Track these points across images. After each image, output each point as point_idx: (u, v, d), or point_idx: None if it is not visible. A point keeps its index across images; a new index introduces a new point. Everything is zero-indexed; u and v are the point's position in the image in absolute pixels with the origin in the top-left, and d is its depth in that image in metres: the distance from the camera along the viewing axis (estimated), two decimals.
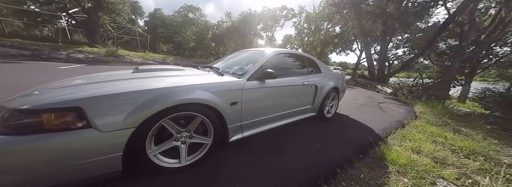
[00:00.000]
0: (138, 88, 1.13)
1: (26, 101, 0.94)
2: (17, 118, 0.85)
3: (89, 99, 0.96)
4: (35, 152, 0.82)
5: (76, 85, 1.20)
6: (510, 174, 1.60)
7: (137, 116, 1.03)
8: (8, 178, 0.81)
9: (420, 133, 2.48)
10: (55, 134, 0.85)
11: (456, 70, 7.26)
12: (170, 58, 15.28)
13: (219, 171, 1.39)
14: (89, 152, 0.94)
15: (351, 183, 1.33)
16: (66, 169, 0.92)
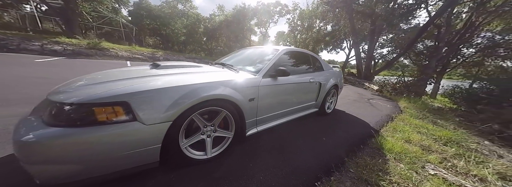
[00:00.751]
0: (175, 84, 1.19)
1: (77, 95, 0.96)
2: (71, 111, 0.88)
3: (135, 94, 1.00)
4: (89, 143, 0.88)
5: (114, 80, 1.19)
6: (478, 157, 1.96)
7: (174, 110, 1.10)
8: (68, 167, 0.87)
9: (407, 125, 2.83)
10: (106, 126, 0.91)
11: (432, 69, 8.08)
12: (160, 53, 14.48)
13: (243, 161, 1.50)
14: (134, 144, 1.01)
15: (359, 170, 1.53)
16: (116, 159, 0.98)
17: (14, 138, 0.85)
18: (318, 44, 18.60)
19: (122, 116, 0.96)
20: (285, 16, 20.95)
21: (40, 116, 0.94)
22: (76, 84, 1.18)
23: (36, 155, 0.82)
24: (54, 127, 0.85)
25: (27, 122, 0.92)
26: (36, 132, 0.82)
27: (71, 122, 0.87)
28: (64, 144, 0.83)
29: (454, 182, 1.47)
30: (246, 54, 2.48)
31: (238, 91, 1.52)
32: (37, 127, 0.86)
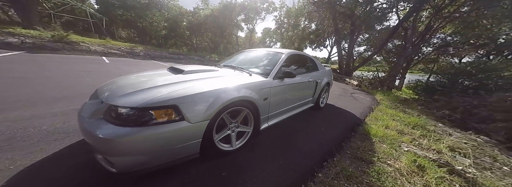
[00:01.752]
0: (210, 88, 1.38)
1: (135, 100, 1.11)
2: (134, 114, 1.05)
3: (182, 98, 1.19)
4: (151, 139, 1.06)
5: (157, 87, 1.33)
6: (436, 136, 2.55)
7: (211, 111, 1.30)
8: (139, 157, 1.08)
9: (384, 114, 3.40)
10: (162, 125, 1.10)
11: (400, 66, 9.32)
12: (139, 48, 13.38)
13: (262, 150, 1.75)
14: (183, 139, 1.21)
15: (353, 151, 1.92)
16: (171, 151, 1.19)
17: (93, 136, 1.04)
18: (303, 41, 19.36)
19: (173, 116, 1.15)
20: (272, 14, 21.10)
21: (101, 118, 1.11)
22: (125, 89, 1.29)
23: (114, 149, 1.01)
24: (123, 127, 1.02)
25: (99, 123, 1.08)
26: (111, 132, 1.00)
27: (136, 122, 1.05)
28: (133, 140, 1.02)
29: (421, 155, 1.96)
30: (252, 57, 2.66)
31: (255, 92, 1.74)
32: (111, 127, 1.03)
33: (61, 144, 1.53)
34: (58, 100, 2.48)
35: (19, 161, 1.27)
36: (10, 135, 1.55)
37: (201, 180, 1.29)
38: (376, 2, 8.76)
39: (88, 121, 1.13)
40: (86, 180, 1.18)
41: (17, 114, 1.94)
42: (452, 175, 1.70)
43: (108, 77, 4.48)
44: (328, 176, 1.49)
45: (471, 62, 8.38)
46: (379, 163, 1.73)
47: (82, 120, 1.18)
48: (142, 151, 1.07)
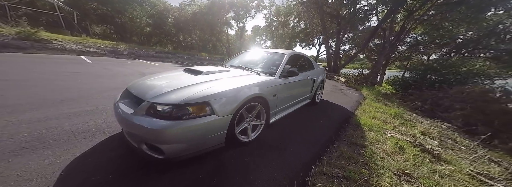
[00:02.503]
0: (232, 87, 1.61)
1: (174, 98, 1.31)
2: (175, 109, 1.26)
3: (212, 96, 1.41)
4: (188, 130, 1.27)
5: (189, 86, 1.54)
6: (411, 124, 3.07)
7: (234, 106, 1.53)
8: (181, 145, 1.29)
9: (370, 107, 3.90)
10: (198, 118, 1.31)
11: (381, 63, 10.29)
12: (122, 46, 12.54)
13: (274, 141, 2.02)
14: (213, 130, 1.42)
15: (349, 138, 2.29)
16: (205, 140, 1.40)
17: (144, 129, 1.20)
18: (293, 40, 19.91)
19: (205, 111, 1.36)
20: (262, 12, 21.14)
21: (145, 114, 1.29)
22: (161, 89, 1.47)
23: (162, 138, 1.22)
24: (167, 120, 1.23)
25: (146, 118, 1.26)
26: (159, 124, 1.20)
27: (177, 116, 1.25)
28: (176, 130, 1.22)
29: (401, 139, 2.41)
30: (257, 58, 2.88)
31: (266, 89, 1.98)
32: (158, 121, 1.22)
33: (92, 142, 1.62)
34: (62, 103, 2.45)
35: (62, 156, 1.37)
36: (37, 136, 1.59)
37: (229, 164, 1.52)
38: (359, 4, 9.51)
39: (135, 117, 1.29)
40: (131, 166, 1.35)
41: (29, 116, 1.93)
42: (423, 152, 2.16)
43: (101, 78, 4.34)
44: (332, 158, 1.82)
45: (436, 59, 9.62)
46: (370, 147, 2.12)
47: (126, 117, 1.32)
48: (183, 139, 1.27)
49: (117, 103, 1.53)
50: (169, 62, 11.91)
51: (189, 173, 1.36)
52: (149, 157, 1.32)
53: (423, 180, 1.61)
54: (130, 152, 1.53)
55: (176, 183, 1.25)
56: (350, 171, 1.58)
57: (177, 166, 1.41)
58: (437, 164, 1.97)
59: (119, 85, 3.85)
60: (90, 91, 3.12)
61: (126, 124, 1.35)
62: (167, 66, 8.80)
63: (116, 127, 1.94)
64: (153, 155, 1.30)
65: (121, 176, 1.26)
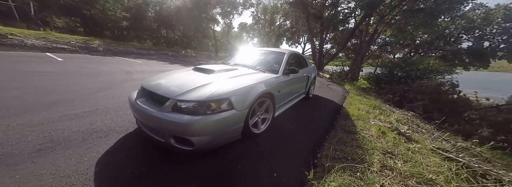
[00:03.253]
0: (246, 84, 1.77)
1: (198, 96, 1.43)
2: (199, 106, 1.39)
3: (231, 93, 1.56)
4: (213, 123, 1.40)
5: (208, 84, 1.65)
6: (387, 113, 3.64)
7: (248, 101, 1.70)
8: (207, 137, 1.42)
9: (354, 100, 4.44)
10: (220, 113, 1.46)
11: (359, 61, 11.42)
12: (96, 42, 11.21)
13: (282, 131, 2.26)
14: (233, 123, 1.58)
15: (342, 126, 2.66)
16: (226, 132, 1.55)
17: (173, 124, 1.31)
18: (280, 38, 20.39)
19: (226, 106, 1.50)
20: (249, 9, 20.95)
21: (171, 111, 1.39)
22: (182, 87, 1.56)
23: (190, 131, 1.33)
24: (194, 115, 1.35)
25: (174, 114, 1.37)
26: (187, 119, 1.32)
27: (202, 112, 1.38)
28: (202, 124, 1.34)
29: (382, 125, 2.88)
30: (259, 56, 3.04)
31: (272, 86, 2.19)
32: (185, 116, 1.34)
33: (109, 140, 1.62)
34: (56, 105, 2.28)
35: (86, 154, 1.37)
36: (48, 138, 1.52)
37: (246, 153, 1.70)
38: (340, 7, 10.36)
39: (163, 113, 1.37)
40: (159, 159, 1.44)
41: (28, 119, 1.80)
42: (399, 135, 2.65)
43: (84, 78, 3.98)
44: (332, 143, 2.13)
45: (401, 58, 11.13)
46: (360, 133, 2.51)
47: (153, 114, 1.39)
48: (208, 132, 1.40)
49: (135, 102, 1.56)
50: (152, 59, 11.13)
51: (214, 162, 1.50)
52: (177, 150, 1.42)
53: (401, 156, 2.03)
54: (154, 147, 1.59)
55: (205, 170, 1.39)
56: (348, 153, 1.90)
57: (200, 157, 1.53)
58: (409, 143, 2.46)
59: (107, 84, 3.61)
60: (81, 92, 2.90)
61: (153, 120, 1.41)
62: (154, 64, 8.26)
63: (128, 126, 1.93)
64: (182, 147, 1.41)
65: (154, 167, 1.34)
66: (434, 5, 8.33)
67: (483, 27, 14.32)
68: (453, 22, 13.30)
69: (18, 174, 1.10)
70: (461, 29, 14.59)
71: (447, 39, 14.69)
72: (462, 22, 14.19)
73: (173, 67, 8.06)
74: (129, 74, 4.91)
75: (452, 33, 14.78)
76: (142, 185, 1.17)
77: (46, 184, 1.06)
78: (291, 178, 1.44)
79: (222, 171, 1.41)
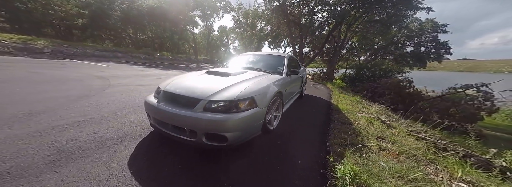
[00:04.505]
0: (263, 85, 1.93)
1: (227, 96, 1.52)
2: (229, 104, 1.48)
3: (254, 92, 1.70)
4: (244, 120, 1.50)
5: (233, 85, 1.75)
6: (367, 107, 4.24)
7: (267, 100, 1.86)
8: (238, 133, 1.50)
9: (339, 97, 5.00)
10: (248, 111, 1.56)
11: (335, 62, 12.75)
12: (41, 42, 9.35)
13: (289, 127, 2.45)
14: (257, 119, 1.69)
15: (338, 119, 3.02)
16: (252, 128, 1.65)
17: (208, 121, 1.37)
18: (262, 41, 21.00)
19: (252, 105, 1.63)
20: (230, 13, 20.98)
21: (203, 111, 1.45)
22: (209, 89, 1.61)
23: (225, 128, 1.41)
24: (226, 113, 1.45)
25: (208, 113, 1.43)
26: (221, 116, 1.41)
27: (233, 110, 1.49)
28: (234, 120, 1.43)
29: (368, 116, 3.37)
30: (261, 60, 3.24)
31: (281, 86, 2.39)
32: (218, 114, 1.42)
33: (128, 146, 1.53)
34: (35, 115, 1.98)
35: (112, 160, 1.30)
36: (55, 149, 1.35)
37: (267, 147, 1.83)
38: (315, 15, 11.58)
39: (197, 114, 1.41)
40: (190, 157, 1.46)
41: (13, 132, 1.52)
42: (382, 123, 3.15)
43: (43, 85, 3.39)
44: (335, 133, 2.42)
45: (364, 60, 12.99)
46: (353, 123, 2.90)
47: (186, 115, 1.41)
48: (239, 128, 1.48)
49: (159, 106, 1.55)
50: (121, 62, 10.03)
51: (242, 157, 1.58)
52: (209, 147, 1.46)
53: (389, 138, 2.44)
54: (180, 147, 1.58)
55: (237, 164, 1.46)
56: (351, 140, 2.20)
57: (227, 154, 1.59)
58: (391, 129, 2.95)
59: (85, 92, 3.21)
60: (56, 101, 2.53)
61: (186, 121, 1.42)
62: (126, 68, 7.44)
63: (139, 132, 1.82)
64: (215, 144, 1.45)
65: (189, 165, 1.36)
66: (386, 17, 10.20)
67: (419, 35, 18.16)
68: (399, 31, 16.42)
69: (47, 184, 0.99)
70: (405, 37, 18.18)
71: (397, 45, 18.00)
72: (405, 32, 17.67)
73: (153, 71, 7.45)
74: (105, 80, 4.40)
75: (399, 40, 18.28)
76: (184, 179, 1.18)
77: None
78: (313, 163, 1.63)
79: (252, 163, 1.50)
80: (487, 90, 5.95)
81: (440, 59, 18.52)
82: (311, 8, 11.39)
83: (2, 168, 1.08)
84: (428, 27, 17.82)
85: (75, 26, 16.48)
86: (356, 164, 1.62)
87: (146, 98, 1.77)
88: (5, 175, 1.02)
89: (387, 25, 10.98)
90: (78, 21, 16.05)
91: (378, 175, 1.45)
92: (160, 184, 1.11)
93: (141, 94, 3.39)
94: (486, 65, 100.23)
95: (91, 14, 16.01)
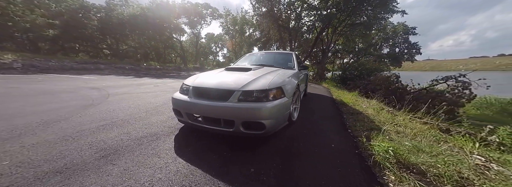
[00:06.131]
0: (287, 76, 2.05)
1: (259, 86, 1.59)
2: (262, 93, 1.55)
3: (283, 82, 1.79)
4: (276, 107, 1.55)
5: (260, 77, 1.82)
6: (365, 100, 4.53)
7: (291, 90, 1.96)
8: (273, 120, 1.53)
9: (339, 93, 5.27)
10: (279, 99, 1.64)
11: (323, 64, 13.44)
12: (8, 56, 8.50)
13: (308, 120, 2.55)
14: (286, 108, 1.75)
15: (347, 111, 3.20)
16: (282, 117, 1.70)
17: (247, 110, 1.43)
18: (251, 47, 21.49)
19: (281, 94, 1.71)
20: (218, 20, 21.30)
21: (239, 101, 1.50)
22: (240, 82, 1.68)
23: (262, 114, 1.45)
24: (261, 102, 1.52)
25: (245, 102, 1.49)
26: (258, 104, 1.48)
27: (266, 98, 1.56)
28: (269, 108, 1.48)
29: (373, 107, 3.60)
30: (269, 57, 3.39)
31: (297, 78, 2.52)
32: (254, 103, 1.49)
33: (165, 141, 1.55)
34: (49, 124, 1.86)
35: (159, 153, 1.30)
36: (97, 148, 1.31)
37: (296, 136, 1.92)
38: (303, 20, 12.40)
39: (233, 104, 1.46)
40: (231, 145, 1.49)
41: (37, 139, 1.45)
42: (388, 112, 3.39)
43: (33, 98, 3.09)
44: (351, 122, 2.57)
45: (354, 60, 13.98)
46: (363, 113, 3.09)
47: (223, 106, 1.46)
48: (274, 115, 1.52)
49: (194, 100, 1.59)
50: (106, 74, 9.50)
51: (274, 144, 1.65)
52: (247, 135, 1.51)
53: (401, 123, 2.64)
54: (217, 137, 1.63)
55: (272, 149, 1.55)
56: (369, 126, 2.35)
57: (259, 142, 1.66)
58: (396, 116, 3.19)
59: (87, 101, 3.07)
60: (61, 111, 2.41)
61: (224, 111, 1.46)
62: (115, 79, 7.12)
63: (167, 130, 1.81)
64: (253, 132, 1.49)
65: (233, 151, 1.42)
66: (367, 20, 11.26)
67: (393, 37, 20.19)
68: (377, 34, 18.11)
69: (113, 173, 1.00)
70: (382, 39, 20.06)
71: (375, 46, 19.73)
72: (382, 34, 19.54)
73: (146, 80, 7.20)
74: (101, 90, 4.19)
75: (377, 42, 20.07)
76: (236, 163, 1.24)
77: (153, 173, 1.08)
78: (345, 145, 1.73)
79: (290, 149, 1.58)
80: (465, 80, 6.69)
81: (412, 59, 20.65)
82: (298, 13, 12.18)
83: (58, 165, 1.05)
84: (400, 30, 20.00)
85: (45, 37, 15.03)
86: (388, 144, 1.74)
87: (174, 95, 1.77)
88: (65, 170, 1.00)
89: (368, 27, 12.05)
90: (48, 32, 14.81)
91: (409, 151, 1.58)
92: (215, 166, 1.16)
93: (148, 100, 3.30)
94: (446, 64, 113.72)
95: (63, 24, 14.79)
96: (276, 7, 12.30)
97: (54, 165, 1.06)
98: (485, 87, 6.41)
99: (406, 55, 20.45)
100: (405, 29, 20.02)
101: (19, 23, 13.47)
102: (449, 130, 2.83)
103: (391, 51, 20.55)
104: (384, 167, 1.30)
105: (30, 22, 13.84)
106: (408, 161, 1.38)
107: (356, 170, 1.26)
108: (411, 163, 1.35)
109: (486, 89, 6.46)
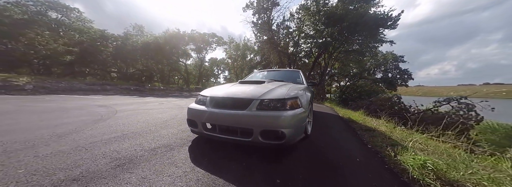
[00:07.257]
0: (300, 89, 2.10)
1: (276, 95, 1.61)
2: (278, 103, 1.56)
3: (297, 93, 1.82)
4: (294, 117, 1.52)
5: (276, 88, 1.88)
6: (375, 119, 4.47)
7: (306, 102, 1.98)
8: (292, 130, 1.48)
9: (346, 112, 5.23)
10: (296, 109, 1.62)
11: (323, 86, 13.89)
12: (23, 79, 8.96)
13: (321, 135, 2.47)
14: (303, 119, 1.73)
15: (359, 127, 3.11)
16: (300, 127, 1.65)
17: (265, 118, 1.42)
18: (251, 70, 22.93)
19: (297, 104, 1.71)
20: (222, 46, 23.35)
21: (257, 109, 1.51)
22: (256, 92, 1.70)
23: (280, 123, 1.43)
24: (278, 111, 1.50)
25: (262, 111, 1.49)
26: (276, 113, 1.47)
27: (283, 107, 1.54)
28: (286, 117, 1.45)
29: (385, 124, 3.52)
30: (277, 74, 3.55)
31: (309, 92, 2.58)
32: (272, 111, 1.49)
33: (180, 152, 1.48)
34: (61, 137, 1.83)
35: (175, 162, 1.24)
36: (111, 158, 1.24)
37: (315, 148, 1.84)
38: (301, 46, 13.63)
39: (251, 112, 1.46)
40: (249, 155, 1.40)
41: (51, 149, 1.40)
42: (401, 130, 3.29)
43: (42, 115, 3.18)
44: (368, 138, 2.47)
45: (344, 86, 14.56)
46: (376, 130, 3.00)
47: (241, 114, 1.46)
48: (292, 125, 1.47)
49: (212, 110, 1.59)
50: (110, 94, 9.61)
51: (294, 156, 1.57)
52: (266, 145, 1.43)
53: (421, 141, 2.53)
54: (232, 148, 1.57)
55: (292, 161, 1.46)
56: (389, 142, 2.25)
57: (277, 153, 1.58)
58: (411, 134, 3.08)
59: (96, 117, 3.03)
60: (70, 126, 2.41)
61: (243, 120, 1.45)
62: (121, 98, 7.23)
63: (179, 142, 1.73)
64: (272, 142, 1.43)
65: (251, 162, 1.35)
66: (361, 48, 12.46)
67: (384, 64, 21.71)
68: (368, 60, 19.61)
69: (132, 181, 0.93)
70: (374, 65, 21.52)
71: (369, 71, 20.97)
72: (373, 61, 21.08)
73: (150, 99, 7.28)
74: (108, 107, 4.19)
75: (369, 67, 21.43)
76: (259, 174, 1.17)
77: (173, 181, 1.03)
78: (371, 159, 1.63)
79: (313, 161, 1.49)
80: (468, 102, 6.75)
81: (406, 83, 21.62)
82: (296, 41, 13.52)
83: (75, 173, 0.99)
84: (390, 58, 21.71)
85: (61, 62, 15.75)
86: (416, 157, 1.63)
87: (190, 106, 1.77)
88: (82, 178, 0.94)
89: (361, 54, 13.13)
90: (66, 58, 15.62)
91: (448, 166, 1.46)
92: (237, 176, 1.09)
93: (156, 115, 3.27)
94: (437, 90, 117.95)
95: (81, 51, 15.91)
96: (276, 36, 13.81)
97: (70, 173, 1.00)
98: (489, 109, 6.40)
99: (400, 80, 21.51)
100: (394, 57, 21.76)
101: (41, 51, 14.55)
102: (473, 150, 2.68)
103: (384, 76, 21.68)
104: (424, 184, 1.18)
105: (51, 50, 15.01)
106: (448, 177, 1.27)
107: (394, 186, 1.14)
108: (453, 180, 1.23)
109: (491, 111, 6.41)
